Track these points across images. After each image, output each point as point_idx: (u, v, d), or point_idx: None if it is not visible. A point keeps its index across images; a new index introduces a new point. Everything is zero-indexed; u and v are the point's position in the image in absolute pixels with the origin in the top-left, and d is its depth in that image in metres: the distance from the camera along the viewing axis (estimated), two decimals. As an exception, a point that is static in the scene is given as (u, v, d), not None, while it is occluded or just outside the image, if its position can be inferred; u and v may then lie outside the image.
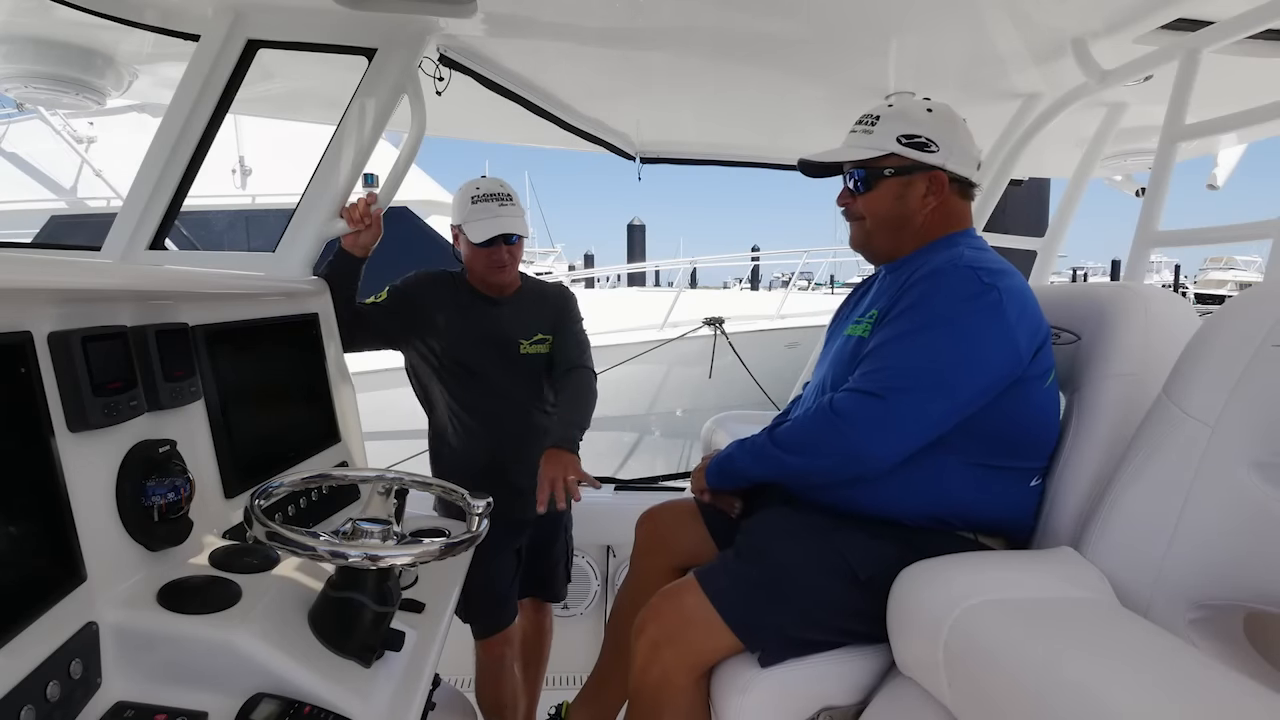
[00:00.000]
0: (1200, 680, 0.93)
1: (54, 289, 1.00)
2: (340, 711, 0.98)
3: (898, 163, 1.48)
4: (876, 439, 1.31)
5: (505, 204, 2.02)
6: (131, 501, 1.06)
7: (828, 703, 1.37)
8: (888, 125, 1.48)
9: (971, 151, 1.51)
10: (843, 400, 1.35)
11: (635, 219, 26.14)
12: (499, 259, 2.03)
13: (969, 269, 1.35)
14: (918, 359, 1.32)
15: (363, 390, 1.98)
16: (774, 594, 1.36)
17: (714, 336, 7.15)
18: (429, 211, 8.26)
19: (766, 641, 1.36)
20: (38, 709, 0.82)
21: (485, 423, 2.09)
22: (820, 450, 1.38)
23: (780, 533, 1.44)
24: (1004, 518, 1.44)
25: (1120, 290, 1.51)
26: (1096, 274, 34.52)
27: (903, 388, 1.31)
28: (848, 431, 1.33)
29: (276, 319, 1.65)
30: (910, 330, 1.34)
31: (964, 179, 1.51)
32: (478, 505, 1.27)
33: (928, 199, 1.48)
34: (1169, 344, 1.41)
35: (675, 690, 1.38)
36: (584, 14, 2.02)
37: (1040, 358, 1.38)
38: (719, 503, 1.66)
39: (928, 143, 1.46)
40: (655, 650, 1.38)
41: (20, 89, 2.53)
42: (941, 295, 1.34)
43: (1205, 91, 1.92)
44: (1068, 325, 1.52)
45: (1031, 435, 1.42)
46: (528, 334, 2.11)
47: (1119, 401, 1.41)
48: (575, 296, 2.26)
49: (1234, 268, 37.90)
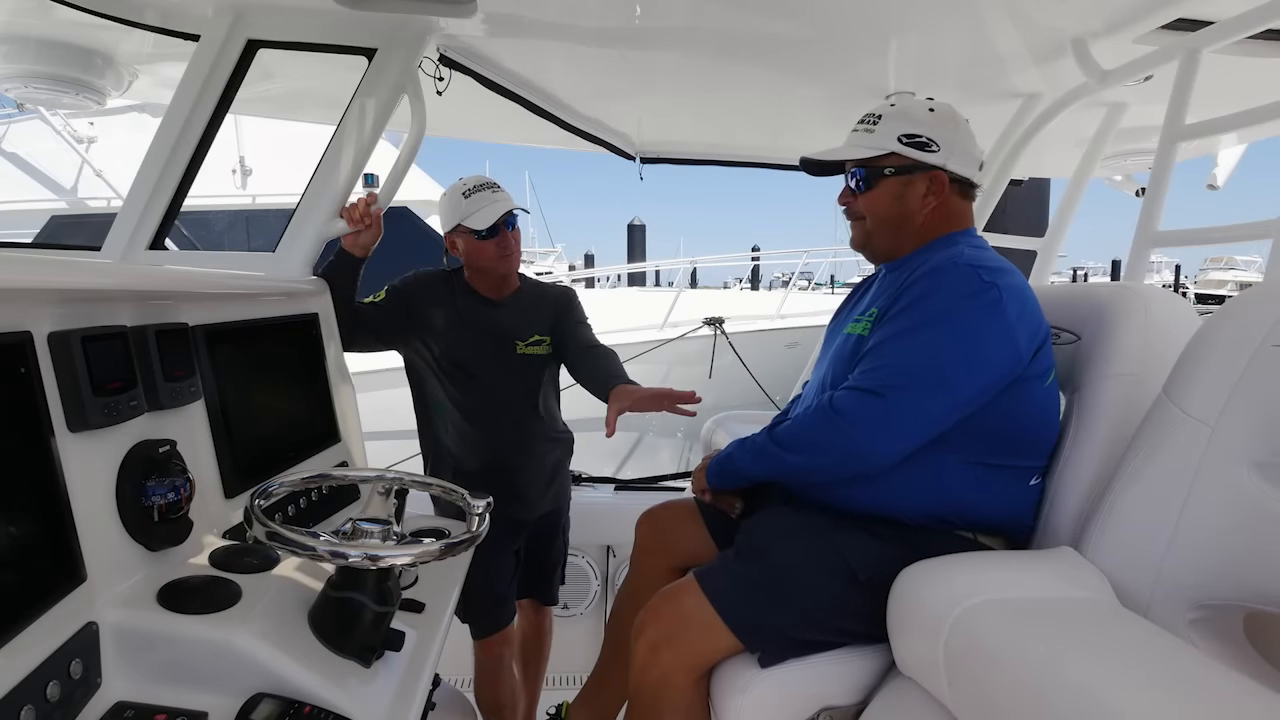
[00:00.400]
0: (1200, 680, 0.93)
1: (54, 289, 1.00)
2: (340, 711, 0.98)
3: (898, 162, 1.48)
4: (877, 437, 1.31)
5: (497, 190, 2.04)
6: (131, 501, 1.06)
7: (828, 703, 1.37)
8: (889, 125, 1.48)
9: (973, 152, 1.51)
10: (843, 398, 1.35)
11: (635, 219, 26.15)
12: (506, 245, 2.03)
13: (969, 267, 1.35)
14: (917, 356, 1.32)
15: (363, 390, 1.98)
16: (774, 594, 1.36)
17: (714, 336, 7.14)
18: (429, 211, 8.24)
19: (766, 642, 1.36)
20: (38, 709, 0.82)
21: (482, 423, 2.09)
22: (821, 448, 1.38)
23: (780, 533, 1.44)
24: (1004, 517, 1.44)
25: (1120, 290, 1.51)
26: (1097, 274, 34.54)
27: (902, 385, 1.31)
28: (848, 429, 1.33)
29: (276, 319, 1.65)
30: (910, 328, 1.34)
31: (965, 179, 1.50)
32: (477, 505, 1.27)
33: (928, 199, 1.48)
34: (1169, 344, 1.41)
35: (675, 691, 1.38)
36: (584, 14, 2.02)
37: (1040, 357, 1.38)
38: (719, 503, 1.66)
39: (929, 142, 1.46)
40: (655, 651, 1.38)
41: (20, 89, 2.53)
42: (941, 293, 1.34)
43: (1205, 91, 1.92)
44: (1068, 325, 1.52)
45: (1031, 434, 1.42)
46: (524, 334, 2.10)
47: (1119, 401, 1.41)
48: (577, 296, 2.25)
49: (1234, 268, 37.91)
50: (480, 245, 2.01)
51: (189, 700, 0.95)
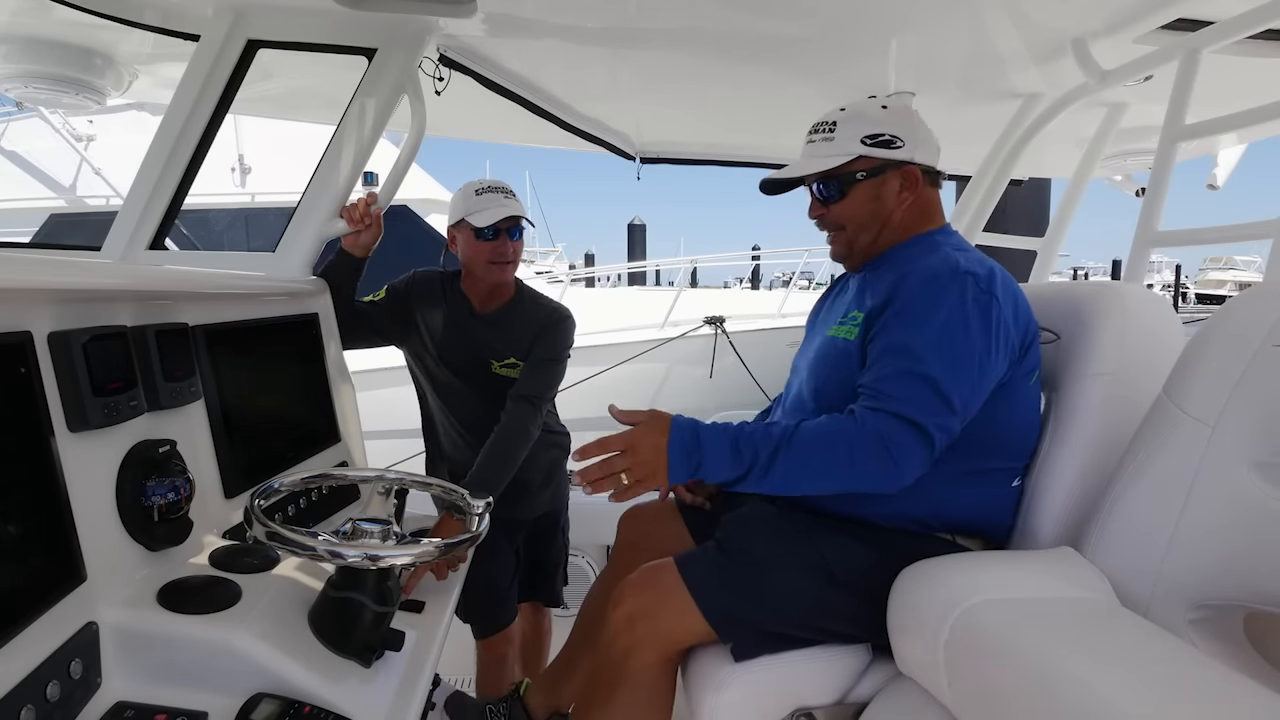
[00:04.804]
0: (1200, 680, 0.93)
1: (54, 289, 1.00)
2: (340, 711, 0.98)
3: (868, 164, 1.46)
4: (918, 469, 1.25)
5: (510, 196, 1.98)
6: (131, 501, 1.06)
7: (803, 703, 1.38)
8: (848, 128, 1.46)
9: (933, 142, 1.50)
10: (893, 431, 1.24)
11: (636, 219, 26.13)
12: (503, 251, 1.96)
13: (968, 275, 1.32)
14: (944, 377, 1.25)
15: (363, 390, 1.98)
16: (750, 588, 1.36)
17: (715, 336, 7.14)
18: (429, 211, 8.24)
19: (740, 634, 1.36)
20: (38, 709, 0.82)
21: (470, 428, 2.07)
22: (859, 475, 1.25)
23: (760, 529, 1.44)
24: (984, 519, 1.44)
25: (1098, 289, 1.51)
26: (1097, 274, 34.50)
27: (935, 410, 1.25)
28: (902, 463, 1.23)
29: (276, 319, 1.65)
30: (928, 350, 1.28)
31: (933, 169, 1.50)
32: (477, 505, 1.27)
33: (904, 194, 1.47)
34: (1147, 342, 1.41)
35: (642, 667, 1.37)
36: (584, 14, 2.02)
37: (1028, 356, 1.38)
38: (693, 498, 1.65)
39: (893, 139, 1.45)
40: (631, 623, 1.37)
41: (20, 89, 2.53)
42: (949, 309, 1.30)
43: (1205, 91, 1.92)
44: (1048, 324, 1.53)
45: (1016, 436, 1.42)
46: (501, 355, 2.01)
47: (1098, 400, 1.41)
48: (566, 326, 2.05)
49: (1234, 268, 37.92)
50: (478, 245, 1.96)
51: (189, 700, 0.95)
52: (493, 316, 2.05)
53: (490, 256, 1.96)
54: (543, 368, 1.99)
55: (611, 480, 1.24)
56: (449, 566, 1.57)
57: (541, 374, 1.98)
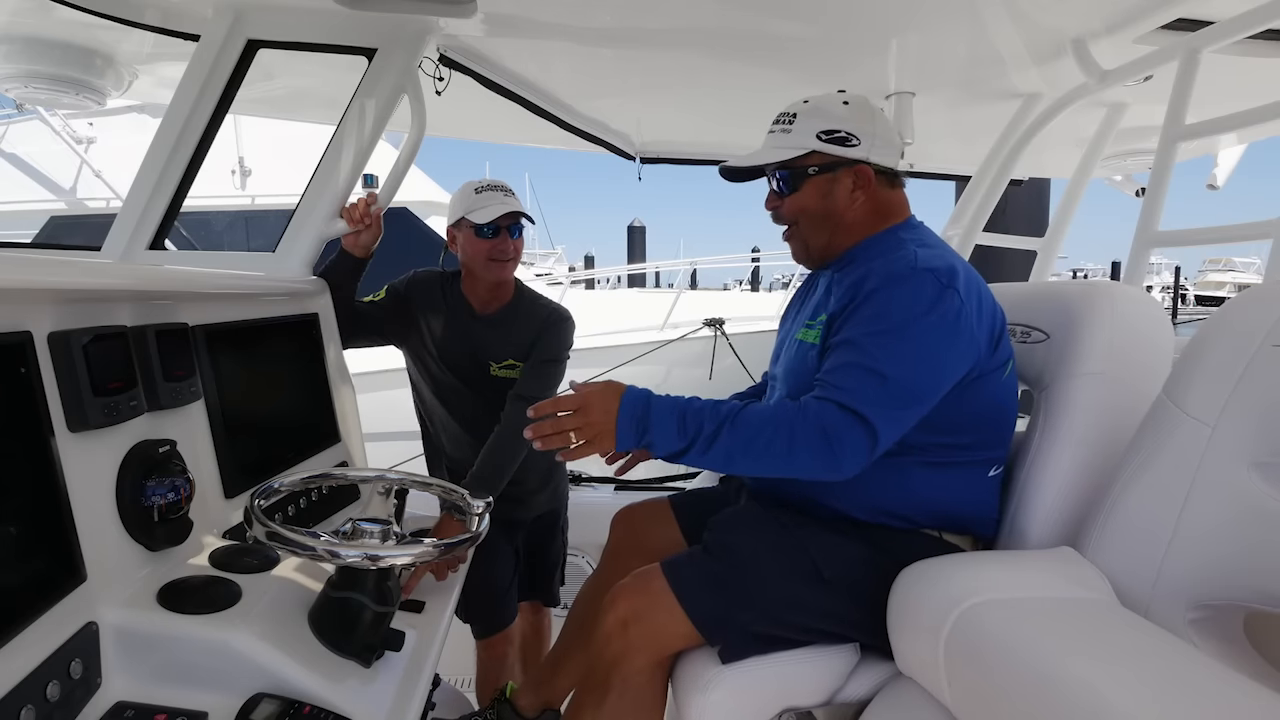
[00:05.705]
0: (1200, 680, 0.93)
1: (54, 289, 1.00)
2: (340, 711, 0.98)
3: (820, 160, 1.46)
4: (859, 461, 1.26)
5: (509, 194, 1.98)
6: (131, 501, 1.06)
7: (791, 703, 1.38)
8: (806, 122, 1.46)
9: (894, 141, 1.49)
10: (832, 418, 1.25)
11: (635, 220, 26.16)
12: (503, 249, 1.95)
13: (926, 272, 1.31)
14: (893, 370, 1.26)
15: (363, 390, 1.98)
16: (738, 589, 1.36)
17: (714, 337, 7.14)
18: (429, 211, 8.25)
19: (727, 636, 1.35)
20: (38, 709, 0.82)
21: (469, 426, 2.07)
22: (796, 462, 1.26)
23: (747, 529, 1.44)
24: (967, 512, 1.44)
25: (1088, 288, 1.51)
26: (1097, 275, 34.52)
27: (880, 402, 1.25)
28: (838, 451, 1.24)
29: (276, 319, 1.65)
30: (878, 342, 1.29)
31: (889, 169, 1.49)
32: (477, 505, 1.27)
33: (855, 194, 1.46)
34: (1136, 341, 1.42)
35: (633, 670, 1.37)
36: (584, 14, 2.02)
37: (1000, 349, 1.37)
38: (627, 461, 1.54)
39: (848, 137, 1.44)
40: (623, 627, 1.37)
41: (20, 89, 2.53)
42: (904, 303, 1.30)
43: (1205, 91, 1.92)
44: (1038, 323, 1.53)
45: (989, 425, 1.42)
46: (500, 357, 2.01)
47: (1087, 399, 1.42)
48: (566, 326, 2.05)
49: (1232, 269, 37.96)
50: (478, 242, 1.95)
51: (189, 700, 0.95)
52: (492, 317, 2.05)
53: (491, 254, 1.96)
54: (542, 369, 1.99)
55: (561, 438, 1.26)
56: (449, 567, 1.57)
57: (541, 375, 1.98)
